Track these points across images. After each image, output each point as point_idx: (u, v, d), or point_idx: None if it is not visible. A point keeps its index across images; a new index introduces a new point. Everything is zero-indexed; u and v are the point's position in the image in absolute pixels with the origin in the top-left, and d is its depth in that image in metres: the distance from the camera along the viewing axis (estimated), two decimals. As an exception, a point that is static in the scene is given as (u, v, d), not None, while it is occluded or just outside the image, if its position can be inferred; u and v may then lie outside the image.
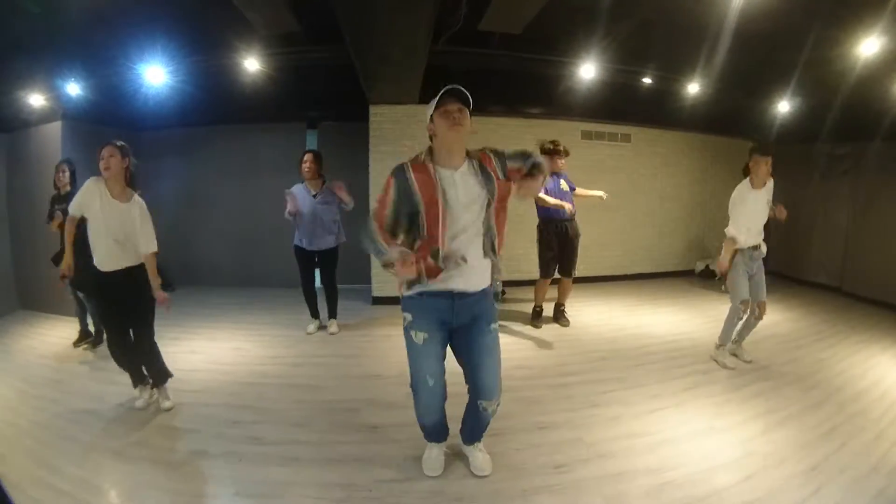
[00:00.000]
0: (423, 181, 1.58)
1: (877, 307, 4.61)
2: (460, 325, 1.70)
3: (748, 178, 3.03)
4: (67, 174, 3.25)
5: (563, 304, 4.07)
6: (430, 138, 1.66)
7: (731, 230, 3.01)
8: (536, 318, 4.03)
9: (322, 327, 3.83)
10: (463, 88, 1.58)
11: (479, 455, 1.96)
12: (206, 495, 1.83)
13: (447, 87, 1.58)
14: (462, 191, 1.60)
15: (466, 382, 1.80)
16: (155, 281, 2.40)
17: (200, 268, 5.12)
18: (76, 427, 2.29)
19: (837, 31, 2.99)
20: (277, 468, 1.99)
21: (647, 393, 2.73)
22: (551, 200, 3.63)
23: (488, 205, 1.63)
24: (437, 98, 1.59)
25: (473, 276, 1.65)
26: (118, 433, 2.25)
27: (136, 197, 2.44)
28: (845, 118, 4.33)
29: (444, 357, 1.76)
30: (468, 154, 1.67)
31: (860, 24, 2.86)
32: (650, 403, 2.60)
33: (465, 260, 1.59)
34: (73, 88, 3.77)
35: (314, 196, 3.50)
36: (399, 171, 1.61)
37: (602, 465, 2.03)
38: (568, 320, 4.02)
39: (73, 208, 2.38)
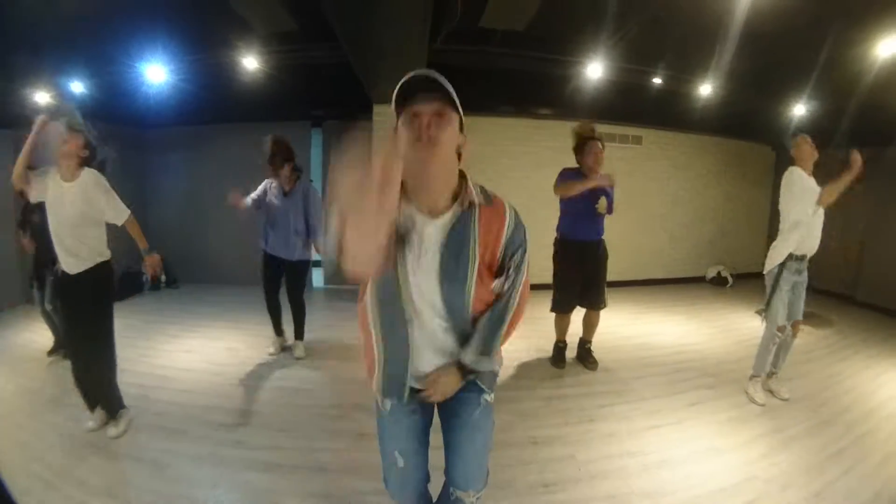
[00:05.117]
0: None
1: (891, 318, 4.51)
2: None
3: (797, 165, 2.57)
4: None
5: (590, 342, 3.22)
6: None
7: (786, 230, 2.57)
8: (559, 357, 3.18)
9: (285, 348, 3.28)
10: (439, 75, 0.94)
11: None
12: (185, 497, 1.82)
13: (413, 73, 0.94)
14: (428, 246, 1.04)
15: None
16: (141, 242, 2.25)
17: (203, 265, 5.15)
18: (70, 422, 2.30)
19: (855, 31, 2.84)
20: (258, 474, 1.96)
21: (646, 408, 2.62)
22: (584, 186, 2.74)
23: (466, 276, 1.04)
24: (397, 89, 0.95)
25: None
26: (110, 430, 2.24)
27: (85, 172, 2.04)
28: (862, 122, 4.15)
29: None
30: (463, 192, 1.04)
31: (879, 22, 2.71)
32: (649, 420, 2.49)
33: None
34: (77, 86, 3.79)
35: (286, 194, 2.96)
36: None
37: (593, 485, 1.95)
38: (596, 361, 3.16)
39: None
